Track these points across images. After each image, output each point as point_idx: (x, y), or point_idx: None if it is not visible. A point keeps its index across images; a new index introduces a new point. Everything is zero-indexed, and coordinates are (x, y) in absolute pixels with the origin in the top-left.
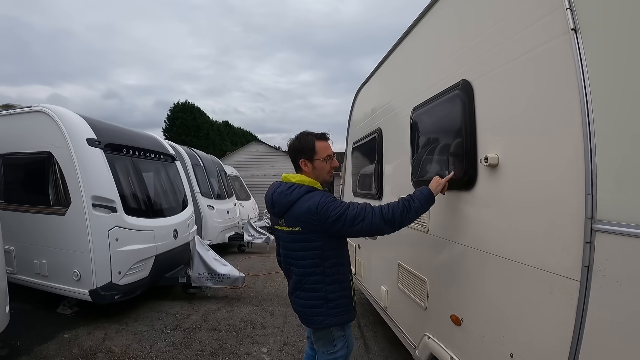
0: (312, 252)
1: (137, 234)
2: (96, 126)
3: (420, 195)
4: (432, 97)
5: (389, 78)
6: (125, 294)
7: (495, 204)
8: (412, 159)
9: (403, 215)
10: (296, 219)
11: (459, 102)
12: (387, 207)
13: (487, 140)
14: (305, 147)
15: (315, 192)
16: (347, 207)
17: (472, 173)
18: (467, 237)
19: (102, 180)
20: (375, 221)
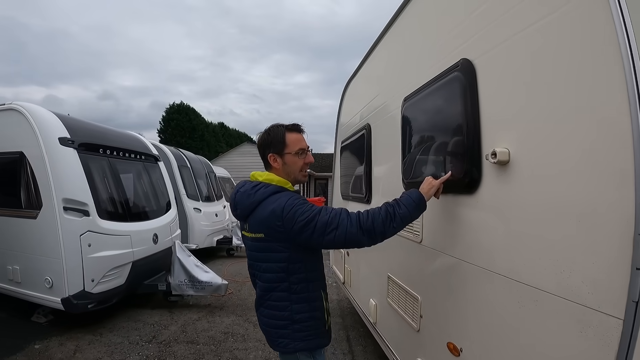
0: (277, 264)
1: (112, 239)
2: (71, 125)
3: (408, 199)
4: (425, 84)
5: (377, 68)
6: (100, 302)
7: (505, 211)
8: (403, 158)
9: (385, 225)
10: (259, 223)
11: (457, 87)
12: (366, 214)
13: (494, 131)
14: (275, 140)
15: (283, 193)
16: (318, 211)
17: (475, 173)
18: (468, 252)
19: (74, 181)
20: (350, 231)
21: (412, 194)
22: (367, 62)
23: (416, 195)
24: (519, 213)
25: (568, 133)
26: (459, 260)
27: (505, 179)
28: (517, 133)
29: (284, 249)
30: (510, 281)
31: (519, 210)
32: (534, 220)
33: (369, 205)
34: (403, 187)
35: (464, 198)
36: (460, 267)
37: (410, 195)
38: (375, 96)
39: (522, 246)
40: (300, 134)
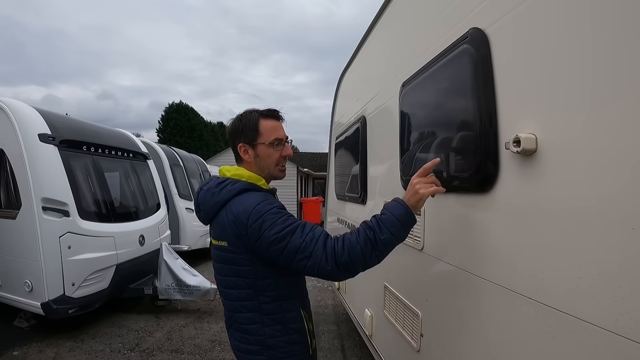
0: (243, 279)
1: (94, 241)
2: (52, 121)
3: (391, 220)
4: (427, 64)
5: (373, 54)
6: (82, 307)
7: (531, 214)
8: (402, 152)
9: (366, 256)
10: (222, 229)
11: (467, 62)
12: (341, 244)
13: (515, 113)
14: (246, 127)
15: (252, 193)
16: (292, 230)
17: (490, 166)
18: (481, 264)
19: (54, 180)
20: (324, 267)
21: (395, 210)
22: (362, 49)
23: (400, 211)
24: (551, 217)
25: (626, 112)
26: (469, 274)
27: (530, 173)
28: (549, 114)
29: (250, 262)
30: (537, 305)
31: (551, 213)
32: (573, 227)
33: (364, 207)
34: (402, 186)
35: (475, 198)
36: (471, 283)
37: (394, 211)
38: (370, 85)
39: (556, 261)
40: (278, 122)
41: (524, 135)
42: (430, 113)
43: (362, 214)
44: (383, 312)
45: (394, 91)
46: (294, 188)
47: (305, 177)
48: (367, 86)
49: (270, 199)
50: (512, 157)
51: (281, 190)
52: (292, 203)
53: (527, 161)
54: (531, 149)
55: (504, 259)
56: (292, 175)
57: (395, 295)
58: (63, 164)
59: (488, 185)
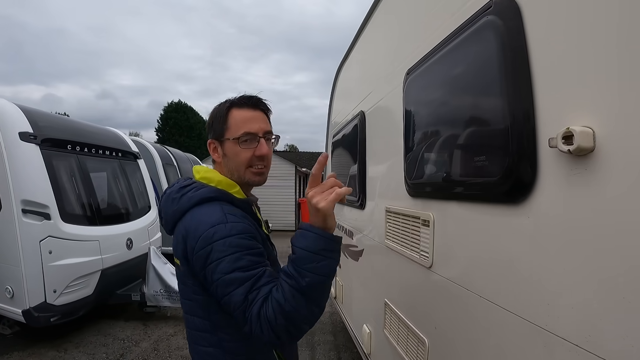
0: (198, 308)
1: (77, 245)
2: (35, 118)
3: (303, 256)
4: (437, 46)
5: (372, 42)
6: (65, 315)
7: (583, 235)
8: (406, 151)
9: (301, 311)
10: (175, 244)
11: (491, 38)
12: (271, 308)
13: (561, 100)
14: (215, 120)
15: (214, 205)
16: (241, 279)
17: (525, 169)
18: (507, 294)
19: (35, 181)
20: (263, 338)
21: (302, 242)
22: (360, 38)
23: (309, 241)
24: (613, 242)
25: None
26: (492, 304)
27: (584, 180)
28: (613, 100)
29: (201, 291)
30: (587, 355)
31: (614, 237)
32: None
33: (362, 212)
34: (406, 190)
35: (502, 210)
36: (493, 315)
37: (302, 245)
38: (370, 76)
39: (617, 303)
40: (254, 111)
41: (579, 129)
42: (442, 104)
43: (361, 220)
44: (383, 332)
45: (397, 81)
46: (293, 188)
47: (304, 177)
48: (366, 78)
49: (236, 218)
50: (558, 158)
51: (279, 191)
52: (291, 203)
53: (580, 163)
54: (587, 147)
55: (541, 291)
56: (291, 175)
57: (398, 315)
58: (45, 164)
59: (521, 195)
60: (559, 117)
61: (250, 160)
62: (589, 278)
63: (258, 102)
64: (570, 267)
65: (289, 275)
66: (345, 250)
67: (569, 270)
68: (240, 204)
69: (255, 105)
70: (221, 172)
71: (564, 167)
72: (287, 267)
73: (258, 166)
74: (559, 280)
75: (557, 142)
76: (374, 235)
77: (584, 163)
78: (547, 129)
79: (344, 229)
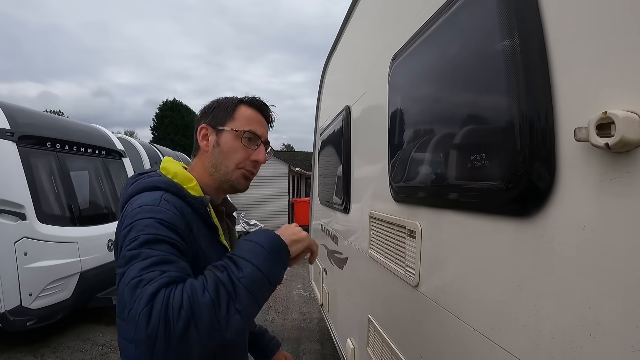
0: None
1: (54, 247)
2: (13, 115)
3: (250, 247)
4: (427, 22)
5: (357, 31)
6: (41, 319)
7: (624, 264)
8: (391, 150)
9: (219, 310)
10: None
11: (491, 7)
12: (180, 291)
13: (594, 75)
14: (219, 108)
15: (153, 192)
16: (144, 254)
17: (540, 171)
18: (507, 331)
19: (10, 179)
20: (141, 325)
21: (258, 236)
22: (346, 30)
23: (266, 236)
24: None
25: None
26: (489, 341)
27: (626, 186)
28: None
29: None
30: None
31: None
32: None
33: (347, 216)
34: (391, 195)
35: (506, 224)
36: (491, 356)
37: (255, 238)
38: (355, 67)
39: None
40: (261, 116)
41: (622, 114)
42: (433, 91)
43: (346, 224)
44: (366, 350)
45: (383, 69)
46: (286, 188)
47: (297, 177)
48: (352, 70)
49: (170, 207)
50: (587, 156)
51: (273, 190)
52: (284, 203)
53: (621, 163)
54: (634, 140)
55: (554, 333)
56: (284, 175)
57: (381, 334)
58: (22, 162)
59: (533, 205)
60: (589, 98)
61: (243, 161)
62: (625, 322)
63: (268, 110)
64: (598, 305)
65: (220, 267)
66: (331, 256)
67: (595, 310)
68: (193, 202)
69: (264, 112)
70: (202, 164)
71: (595, 168)
72: (218, 262)
73: (250, 168)
74: (580, 322)
75: (588, 133)
76: (358, 243)
77: (626, 163)
78: (571, 115)
79: (329, 233)
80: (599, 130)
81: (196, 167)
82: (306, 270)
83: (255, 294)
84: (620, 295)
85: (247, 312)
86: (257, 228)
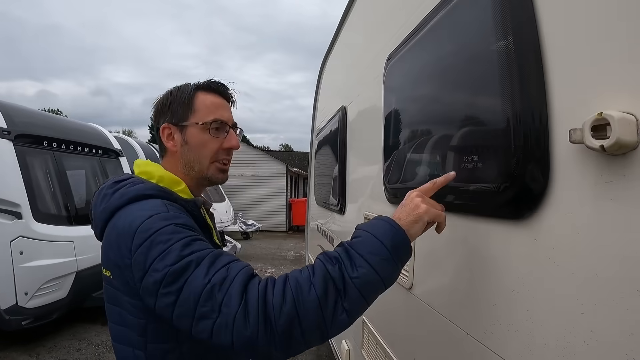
0: (133, 333)
1: (50, 246)
2: (10, 113)
3: (369, 243)
4: (421, 22)
5: (354, 32)
6: (37, 318)
7: (619, 269)
8: (386, 151)
9: (326, 310)
10: (106, 250)
11: (486, 7)
12: (281, 286)
13: (589, 76)
14: (175, 102)
15: (150, 201)
16: (197, 258)
17: (534, 176)
18: (500, 336)
19: (6, 178)
20: (240, 329)
21: (377, 229)
22: (342, 30)
23: (387, 231)
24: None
25: None
26: (482, 346)
27: (622, 190)
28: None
29: (137, 312)
30: None
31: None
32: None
33: (343, 217)
34: (385, 196)
35: (500, 227)
36: (481, 358)
37: (375, 231)
38: (351, 68)
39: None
40: (222, 99)
41: (617, 115)
42: (426, 94)
43: (341, 225)
44: (361, 351)
45: (378, 69)
46: (284, 188)
47: (295, 177)
48: (348, 70)
49: (177, 211)
50: (582, 158)
51: (270, 190)
52: (281, 204)
53: (616, 166)
54: (630, 142)
55: (547, 339)
56: (282, 175)
57: (375, 336)
58: (18, 160)
59: (527, 208)
60: (584, 99)
61: (217, 152)
62: (620, 330)
63: (227, 90)
64: (592, 312)
65: (332, 260)
66: None
67: (590, 317)
68: (186, 205)
69: (224, 94)
70: (173, 165)
71: (590, 170)
72: (332, 251)
73: (223, 161)
74: (574, 328)
75: (583, 135)
76: None
77: (622, 166)
78: (566, 117)
79: (325, 234)
80: (594, 132)
81: (168, 168)
82: None
83: (367, 295)
84: (615, 302)
85: (356, 312)
86: (255, 228)
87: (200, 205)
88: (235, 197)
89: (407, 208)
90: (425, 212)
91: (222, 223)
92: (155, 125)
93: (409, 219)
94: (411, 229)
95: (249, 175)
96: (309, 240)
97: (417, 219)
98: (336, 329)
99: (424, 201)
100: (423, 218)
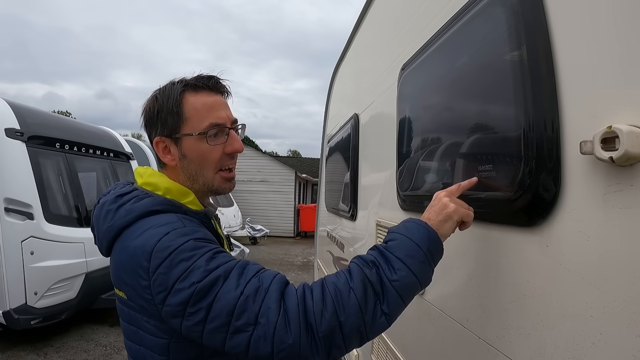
0: (151, 354)
1: (61, 247)
2: (24, 115)
3: (405, 245)
4: (435, 34)
5: (367, 39)
6: (46, 318)
7: (626, 277)
8: (399, 159)
9: (366, 313)
10: (117, 271)
11: (500, 17)
12: (319, 291)
13: (599, 90)
14: (163, 110)
15: (163, 216)
16: (225, 271)
17: (546, 186)
18: (512, 339)
19: (19, 179)
20: (282, 337)
21: (412, 232)
22: (355, 38)
23: (421, 233)
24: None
25: None
26: (495, 350)
27: (630, 199)
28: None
29: (158, 332)
30: None
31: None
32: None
33: (354, 224)
34: (398, 203)
35: (511, 234)
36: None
37: (410, 234)
38: (364, 76)
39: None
40: (215, 95)
41: (626, 129)
42: (440, 103)
43: (352, 232)
44: (370, 357)
45: (392, 78)
46: (292, 194)
47: (304, 183)
48: (361, 79)
49: (193, 225)
50: (592, 169)
51: (279, 196)
52: (290, 209)
53: (624, 176)
54: (638, 153)
55: (558, 344)
56: (291, 181)
57: (385, 341)
58: (30, 162)
59: (538, 216)
60: (595, 112)
61: (220, 160)
62: (628, 331)
63: (218, 83)
64: (600, 315)
65: (369, 263)
66: (337, 263)
67: (598, 320)
68: (197, 217)
69: (215, 88)
70: (176, 177)
71: (599, 180)
72: (366, 254)
73: (228, 166)
74: (582, 331)
75: (593, 147)
76: (364, 251)
77: (630, 176)
78: (577, 129)
79: (335, 240)
80: (603, 144)
81: (172, 178)
82: (310, 276)
83: (405, 298)
84: (623, 305)
85: (395, 314)
86: (263, 233)
87: (212, 216)
88: (243, 202)
89: (435, 208)
90: (455, 211)
91: (231, 228)
92: (149, 137)
93: (439, 218)
94: (441, 229)
95: (257, 181)
96: (318, 246)
97: (447, 218)
98: (375, 333)
99: (452, 200)
100: (452, 217)
